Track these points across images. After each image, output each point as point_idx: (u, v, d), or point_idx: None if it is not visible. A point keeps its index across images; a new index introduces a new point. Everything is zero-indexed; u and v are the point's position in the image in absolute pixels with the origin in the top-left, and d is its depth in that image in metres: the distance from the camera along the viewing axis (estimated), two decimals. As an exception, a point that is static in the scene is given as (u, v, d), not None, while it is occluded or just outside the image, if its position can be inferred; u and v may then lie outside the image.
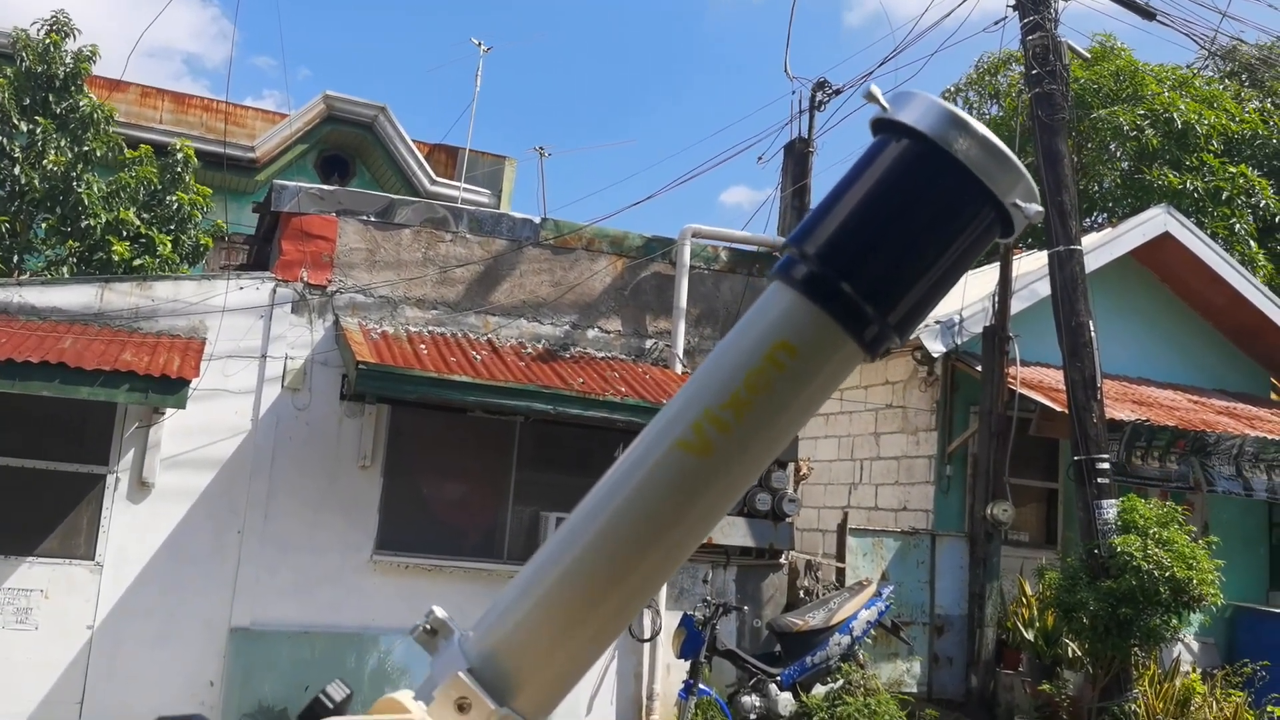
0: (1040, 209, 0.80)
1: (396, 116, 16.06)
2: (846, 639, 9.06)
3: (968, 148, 0.76)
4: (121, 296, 8.19)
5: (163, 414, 7.96)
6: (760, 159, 10.67)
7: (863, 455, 12.97)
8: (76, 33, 12.84)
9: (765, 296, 0.80)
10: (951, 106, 0.77)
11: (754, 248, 10.27)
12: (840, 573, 10.56)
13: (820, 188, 10.73)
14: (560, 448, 9.12)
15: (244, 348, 8.31)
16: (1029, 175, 0.79)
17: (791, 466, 9.91)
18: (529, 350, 9.06)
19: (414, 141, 16.58)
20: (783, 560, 9.85)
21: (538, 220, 9.50)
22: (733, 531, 9.48)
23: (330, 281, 8.66)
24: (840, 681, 9.06)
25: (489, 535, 8.93)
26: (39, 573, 7.78)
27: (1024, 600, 10.52)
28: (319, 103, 15.73)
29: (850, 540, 10.73)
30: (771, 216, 11.39)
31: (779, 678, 8.84)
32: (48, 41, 12.54)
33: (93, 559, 7.91)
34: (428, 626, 0.87)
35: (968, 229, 0.79)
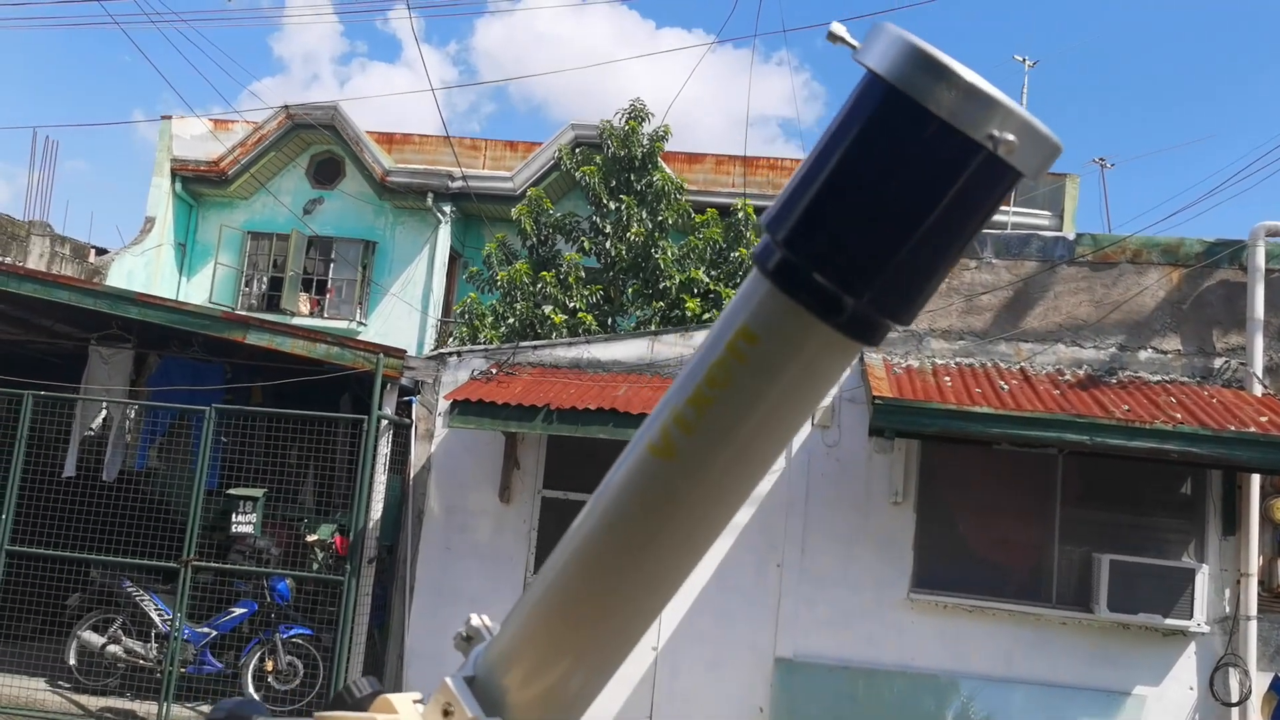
0: (1013, 139, 0.61)
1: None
2: None
3: (929, 85, 0.61)
4: (668, 347, 9.02)
5: (705, 453, 8.58)
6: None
7: None
8: (650, 116, 14.49)
9: (742, 286, 0.71)
10: (915, 40, 0.62)
11: (1358, 240, 8.53)
12: None
13: None
14: (1113, 483, 8.27)
15: (774, 388, 8.69)
16: (1015, 105, 0.62)
17: None
18: (1067, 377, 8.36)
19: (965, 170, 16.21)
20: None
21: (1072, 237, 8.79)
22: (1345, 582, 7.86)
23: (854, 319, 8.74)
24: None
25: (1034, 576, 8.34)
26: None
27: None
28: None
29: None
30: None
31: None
32: (627, 128, 14.30)
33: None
34: (464, 633, 0.86)
35: (953, 185, 0.64)
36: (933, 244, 0.61)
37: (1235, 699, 7.90)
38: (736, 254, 13.95)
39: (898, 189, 0.61)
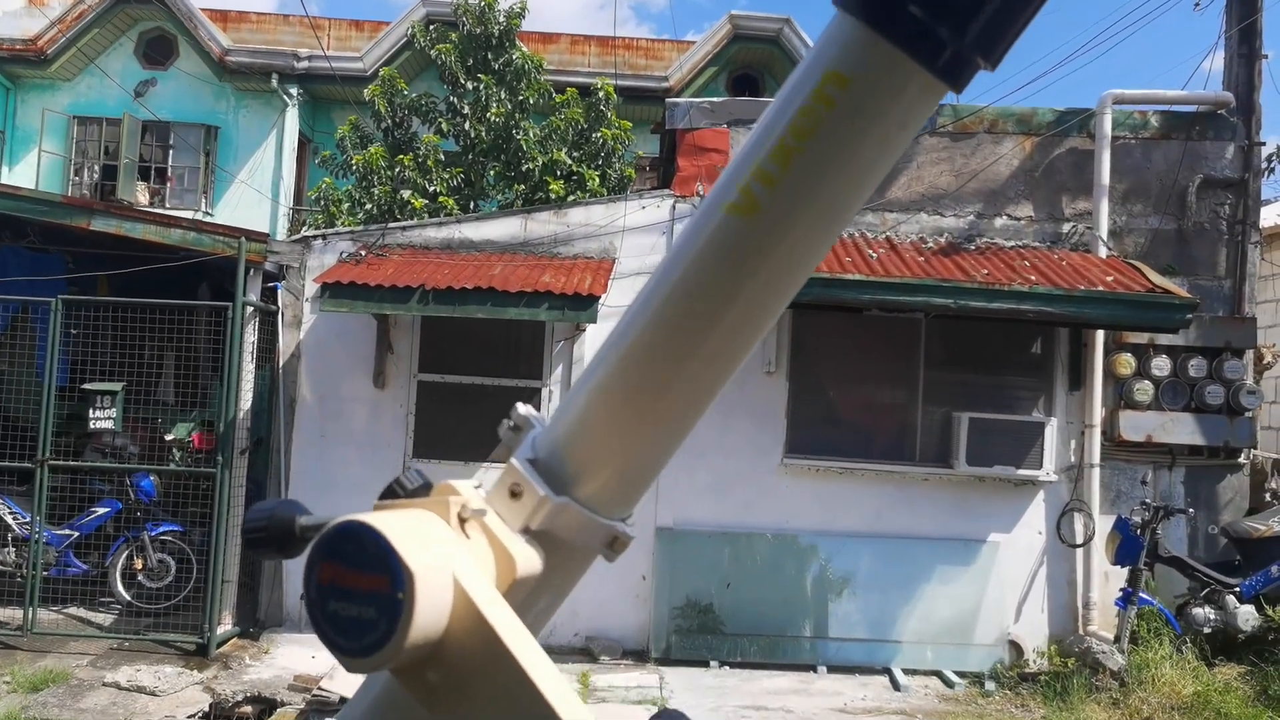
0: None
1: (801, 27, 15.91)
2: (1326, 549, 7.86)
3: None
4: (542, 225, 8.92)
5: (582, 330, 8.61)
6: (1197, 5, 9.18)
7: (1353, 340, 11.05)
8: (506, -8, 13.99)
9: (823, 34, 0.67)
10: None
11: (1194, 107, 9.01)
12: (1321, 475, 9.14)
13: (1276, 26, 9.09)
14: (971, 346, 8.68)
15: (649, 264, 8.73)
16: None
17: (1250, 354, 8.67)
18: (930, 245, 8.66)
19: (823, 48, 16.37)
20: (1242, 460, 8.70)
21: (933, 107, 9.00)
22: (1177, 428, 8.52)
23: (726, 193, 8.81)
24: (1320, 597, 7.89)
25: (899, 437, 8.75)
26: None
27: None
28: (724, 24, 15.98)
29: (1334, 438, 9.24)
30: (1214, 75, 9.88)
31: (1238, 588, 7.89)
32: (483, 4, 13.78)
33: (536, 464, 8.77)
34: (512, 424, 0.82)
35: None
36: None
37: (1079, 540, 8.54)
38: (598, 135, 13.74)
39: None
